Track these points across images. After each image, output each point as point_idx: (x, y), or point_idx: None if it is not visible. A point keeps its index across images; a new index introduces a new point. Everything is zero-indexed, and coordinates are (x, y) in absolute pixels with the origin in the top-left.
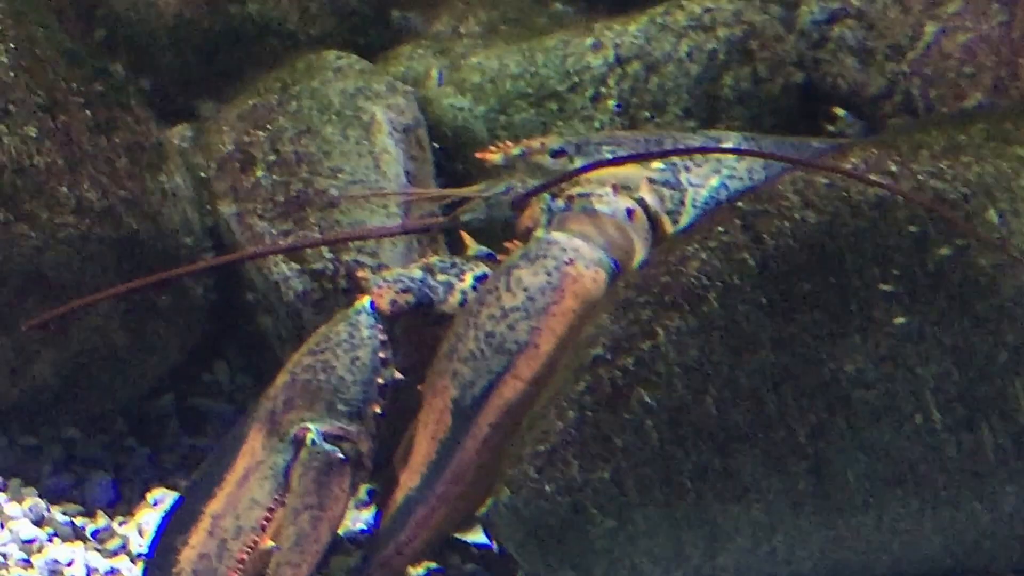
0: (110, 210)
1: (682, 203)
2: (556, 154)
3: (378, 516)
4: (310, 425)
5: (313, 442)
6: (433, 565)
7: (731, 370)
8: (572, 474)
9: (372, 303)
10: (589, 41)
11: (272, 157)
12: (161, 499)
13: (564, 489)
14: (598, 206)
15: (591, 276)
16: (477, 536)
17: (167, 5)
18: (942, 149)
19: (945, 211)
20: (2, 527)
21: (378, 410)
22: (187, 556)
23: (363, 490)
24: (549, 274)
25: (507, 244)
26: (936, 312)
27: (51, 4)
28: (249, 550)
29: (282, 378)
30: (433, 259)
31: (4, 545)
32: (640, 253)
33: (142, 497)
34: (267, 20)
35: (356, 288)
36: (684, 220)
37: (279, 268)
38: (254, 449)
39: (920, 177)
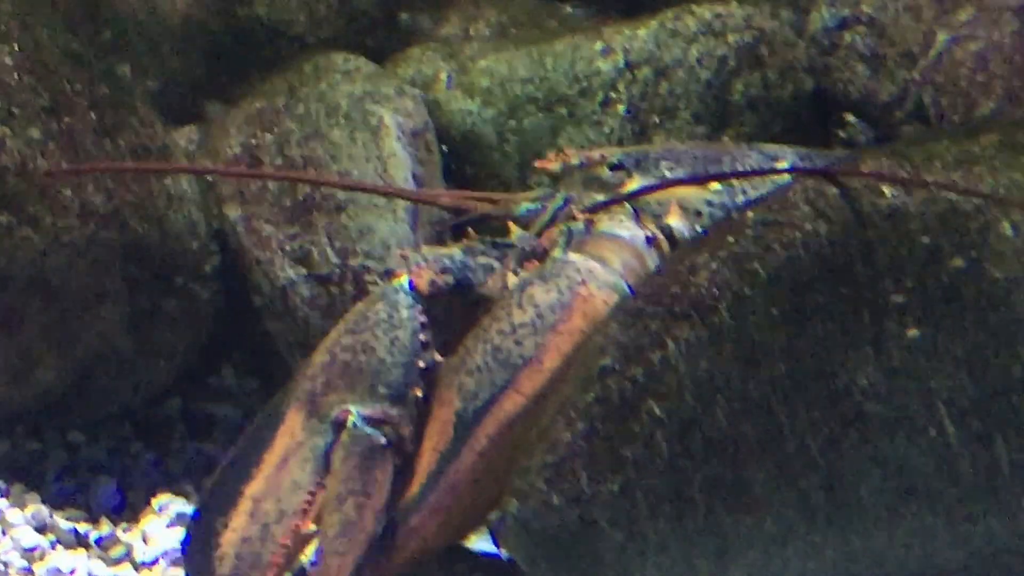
0: (115, 213)
1: None
2: (615, 168)
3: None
4: (351, 408)
5: (355, 425)
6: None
7: (742, 382)
8: (581, 486)
9: (411, 282)
10: (599, 46)
11: (279, 160)
12: (166, 505)
13: (573, 501)
14: (618, 231)
15: (603, 298)
16: (484, 545)
17: (174, 7)
18: (955, 160)
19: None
20: (3, 534)
21: (419, 393)
22: (229, 539)
23: None
24: (561, 292)
25: (525, 263)
26: (949, 324)
27: (57, 5)
28: (293, 532)
29: (320, 357)
30: (474, 241)
31: (5, 553)
32: None
33: (147, 503)
34: (275, 22)
35: (363, 293)
36: None
37: (286, 273)
38: (293, 430)
39: (933, 188)
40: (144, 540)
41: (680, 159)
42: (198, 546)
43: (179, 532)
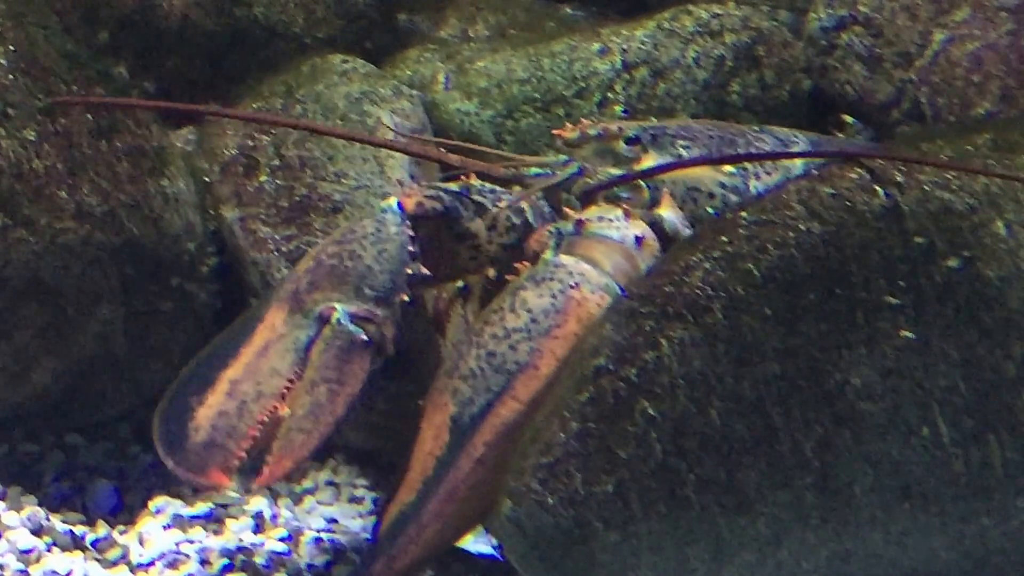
0: (111, 215)
1: None
2: (631, 141)
3: (376, 527)
4: (337, 305)
5: (339, 321)
6: None
7: (735, 382)
8: (575, 486)
9: (399, 203)
10: (596, 46)
11: (276, 161)
12: (163, 507)
13: (567, 502)
14: (607, 232)
15: (596, 301)
16: (480, 546)
17: (172, 7)
18: (949, 159)
19: None
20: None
21: (405, 298)
22: (205, 414)
23: (369, 499)
24: (554, 296)
25: (516, 265)
26: (943, 324)
27: (53, 6)
28: (270, 412)
29: (305, 263)
30: (474, 181)
31: (1, 555)
32: None
33: (144, 505)
34: (273, 23)
35: None
36: None
37: (282, 274)
38: (274, 325)
39: (926, 187)
40: (140, 542)
41: (696, 138)
42: (172, 419)
43: (176, 534)
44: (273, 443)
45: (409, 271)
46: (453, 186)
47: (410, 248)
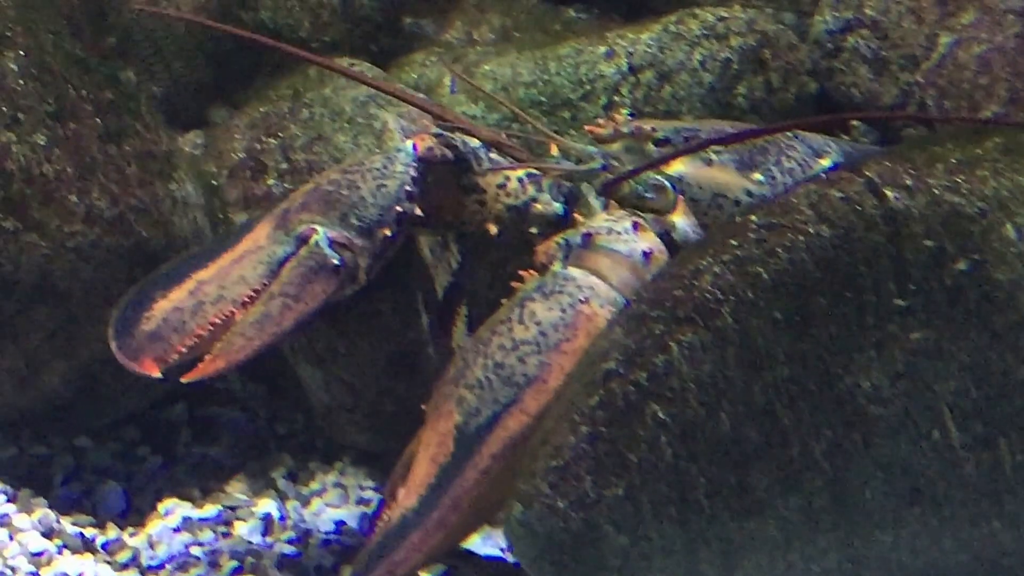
0: (120, 218)
1: None
2: (660, 143)
3: (374, 518)
4: (318, 228)
5: (317, 243)
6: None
7: (745, 385)
8: (585, 490)
9: (414, 145)
10: (602, 49)
11: (284, 165)
12: (172, 509)
13: (577, 505)
14: (616, 245)
15: (605, 316)
16: (488, 548)
17: (179, 12)
18: (958, 162)
19: None
20: (11, 539)
21: (388, 233)
22: (162, 305)
23: (377, 501)
24: (564, 310)
25: (522, 273)
26: (953, 327)
27: (62, 11)
28: (224, 317)
29: (306, 187)
30: (499, 136)
31: (12, 558)
32: None
33: (153, 507)
34: (279, 27)
35: None
36: None
37: None
38: (258, 237)
39: (936, 191)
40: (150, 544)
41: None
42: (132, 306)
43: (185, 536)
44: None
45: (399, 209)
46: (472, 140)
47: (408, 188)
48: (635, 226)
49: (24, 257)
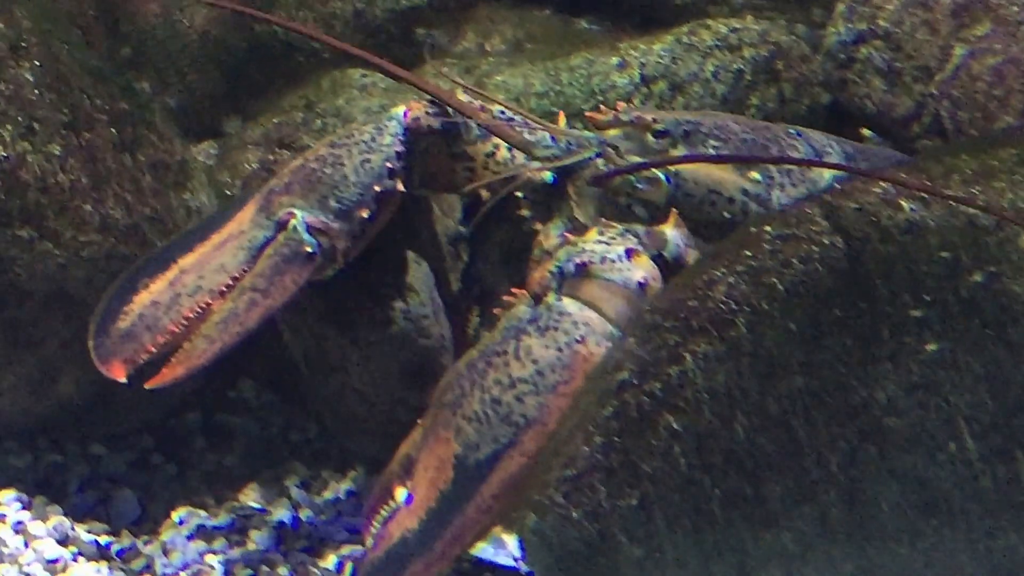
0: (134, 228)
1: None
2: (660, 135)
3: (368, 519)
4: (297, 212)
5: (295, 228)
6: None
7: (760, 396)
8: (599, 500)
9: (406, 112)
10: (614, 60)
11: None
12: (186, 518)
13: (591, 515)
14: (611, 275)
15: (600, 353)
16: (503, 558)
17: (193, 24)
18: (973, 174)
19: None
20: (26, 546)
21: (366, 215)
22: (141, 299)
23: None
24: (560, 350)
25: (515, 291)
26: (969, 339)
27: (77, 23)
28: (199, 309)
29: (297, 160)
30: (495, 107)
31: (28, 565)
32: None
33: (167, 515)
34: (292, 38)
35: None
36: None
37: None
38: (243, 220)
39: (952, 202)
40: (164, 552)
41: (729, 139)
42: (116, 298)
43: (200, 544)
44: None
45: (378, 188)
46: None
47: (390, 165)
48: (629, 253)
49: (39, 266)
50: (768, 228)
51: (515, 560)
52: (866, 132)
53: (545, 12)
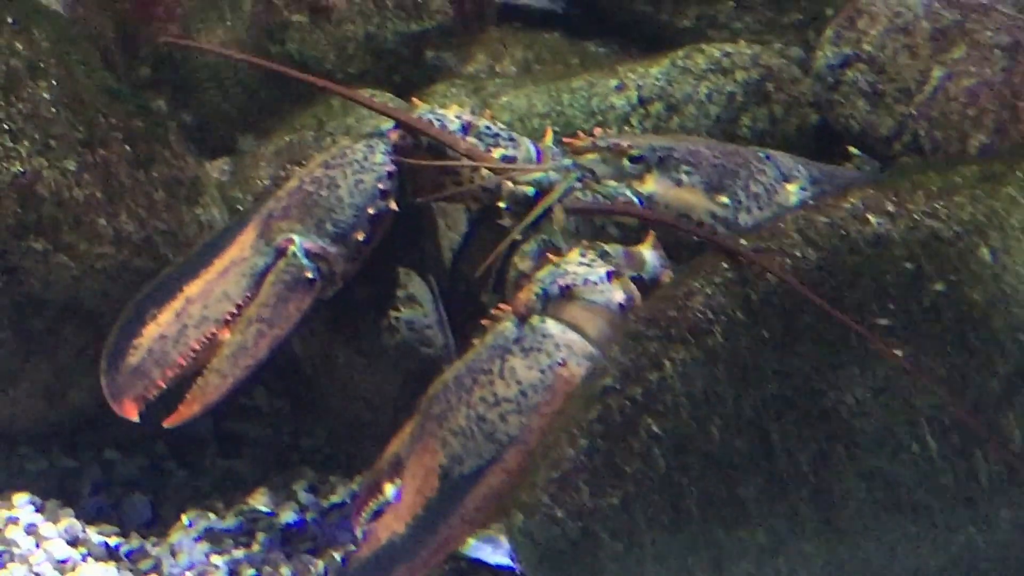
0: (147, 241)
1: None
2: (635, 160)
3: (356, 512)
4: (295, 237)
5: (294, 254)
6: None
7: (735, 401)
8: (583, 500)
9: (393, 128)
10: (613, 82)
11: None
12: (195, 521)
13: (575, 514)
14: (593, 297)
15: (580, 374)
16: (498, 557)
17: (210, 44)
18: (938, 190)
19: None
20: (37, 547)
21: (362, 237)
22: (150, 331)
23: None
24: (543, 372)
25: (500, 305)
26: (932, 345)
27: (96, 44)
28: (206, 340)
29: (293, 181)
30: (482, 122)
31: (38, 565)
32: None
33: (177, 518)
34: (305, 59)
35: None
36: None
37: None
38: (243, 245)
39: (916, 216)
40: (172, 554)
41: (700, 164)
42: (125, 330)
43: (206, 546)
44: (196, 380)
45: (372, 211)
46: (453, 118)
47: (382, 186)
48: (610, 275)
49: (55, 278)
50: (743, 242)
51: (511, 559)
52: (853, 150)
53: (555, 35)
